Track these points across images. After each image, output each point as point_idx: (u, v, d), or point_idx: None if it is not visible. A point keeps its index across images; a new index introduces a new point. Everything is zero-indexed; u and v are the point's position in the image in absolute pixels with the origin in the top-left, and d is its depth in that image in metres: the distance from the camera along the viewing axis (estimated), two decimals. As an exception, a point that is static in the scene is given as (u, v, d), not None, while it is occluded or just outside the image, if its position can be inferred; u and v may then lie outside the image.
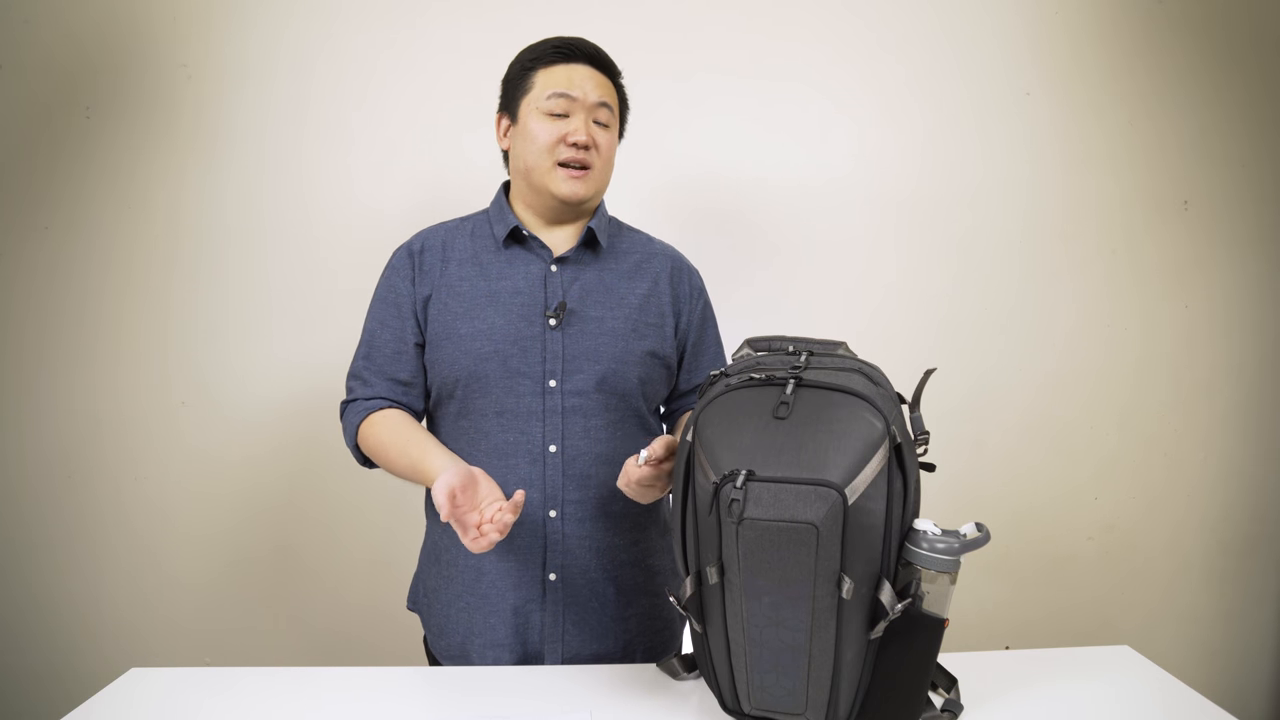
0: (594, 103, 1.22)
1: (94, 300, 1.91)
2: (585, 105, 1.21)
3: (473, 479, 1.06)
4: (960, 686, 1.04)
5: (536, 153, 1.22)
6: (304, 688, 1.10)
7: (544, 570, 1.22)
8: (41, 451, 1.93)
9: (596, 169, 1.24)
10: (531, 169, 1.23)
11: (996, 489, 2.09)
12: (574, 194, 1.23)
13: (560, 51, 1.23)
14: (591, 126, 1.22)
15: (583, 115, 1.21)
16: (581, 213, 1.29)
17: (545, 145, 1.21)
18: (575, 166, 1.22)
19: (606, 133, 1.25)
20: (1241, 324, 2.11)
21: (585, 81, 1.22)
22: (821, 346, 1.03)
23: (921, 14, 1.97)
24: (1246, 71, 2.04)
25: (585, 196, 1.24)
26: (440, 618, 1.28)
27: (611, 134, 1.26)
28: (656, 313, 1.28)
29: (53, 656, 1.97)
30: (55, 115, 1.87)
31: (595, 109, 1.22)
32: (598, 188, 1.26)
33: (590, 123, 1.22)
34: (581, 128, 1.20)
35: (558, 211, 1.27)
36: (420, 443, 1.16)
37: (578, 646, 1.24)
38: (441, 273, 1.25)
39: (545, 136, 1.21)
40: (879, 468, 0.86)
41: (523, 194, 1.28)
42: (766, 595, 0.86)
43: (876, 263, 2.02)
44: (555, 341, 1.21)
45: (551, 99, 1.21)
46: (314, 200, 1.92)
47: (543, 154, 1.22)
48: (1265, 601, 2.18)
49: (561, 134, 1.21)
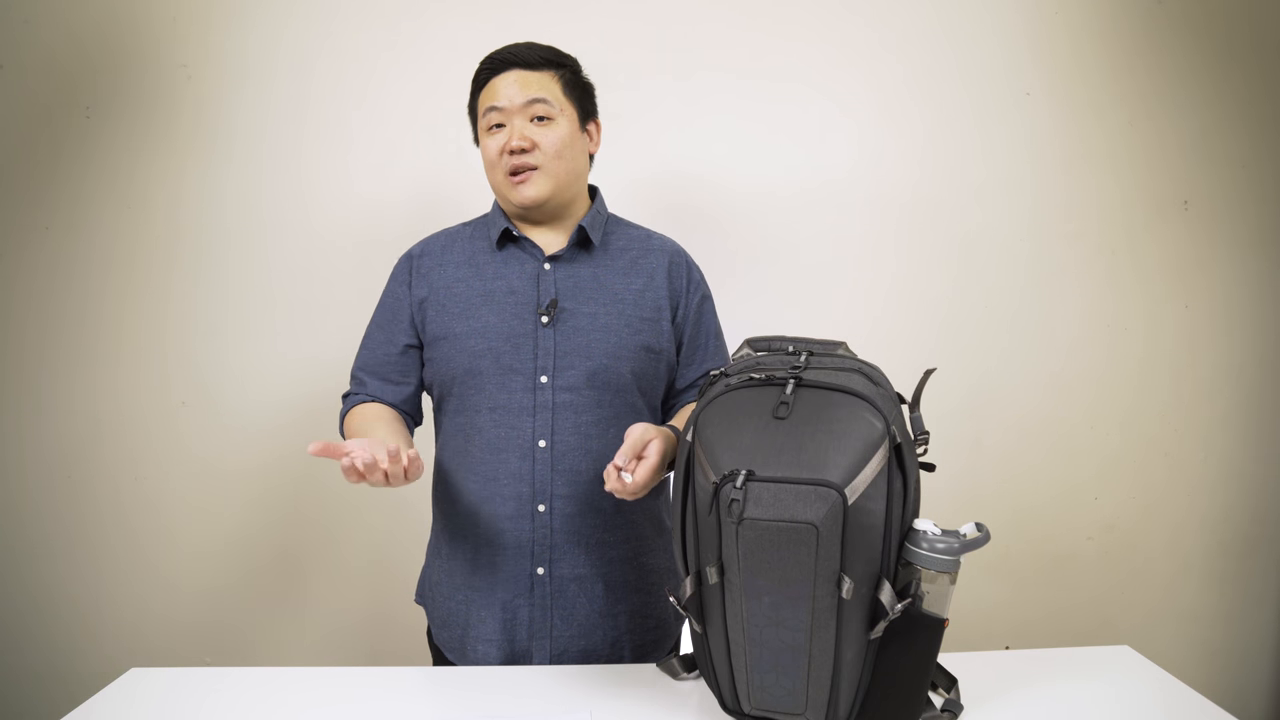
0: (522, 104, 1.22)
1: (94, 300, 1.91)
2: (514, 110, 1.22)
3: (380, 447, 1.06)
4: (960, 686, 1.04)
5: (489, 170, 1.27)
6: (304, 688, 1.10)
7: (532, 564, 1.23)
8: (41, 452, 1.93)
9: (545, 166, 1.23)
10: (494, 187, 1.28)
11: (996, 489, 2.09)
12: (525, 198, 1.23)
13: (487, 68, 1.25)
14: (528, 127, 1.22)
15: (517, 120, 1.22)
16: (565, 211, 1.29)
17: (492, 162, 1.25)
18: (521, 170, 1.23)
19: (548, 127, 1.23)
20: (1242, 324, 2.11)
21: (510, 88, 1.22)
22: (821, 346, 1.03)
23: (921, 14, 1.97)
24: (1246, 71, 2.04)
25: (540, 197, 1.24)
26: (443, 610, 1.30)
27: (556, 127, 1.23)
28: (652, 307, 1.28)
29: (53, 656, 1.97)
30: (55, 115, 1.87)
31: (527, 108, 1.22)
32: (554, 184, 1.24)
33: (526, 124, 1.22)
34: (516, 133, 1.21)
35: (535, 215, 1.28)
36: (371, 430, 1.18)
37: (565, 643, 1.25)
38: (438, 275, 1.28)
39: (490, 153, 1.25)
40: (879, 468, 0.86)
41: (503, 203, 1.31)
42: (766, 595, 0.86)
43: (876, 263, 2.02)
44: (547, 338, 1.22)
45: (486, 115, 1.24)
46: (314, 200, 1.92)
47: (494, 170, 1.26)
48: (1265, 601, 2.18)
49: (501, 145, 1.23)
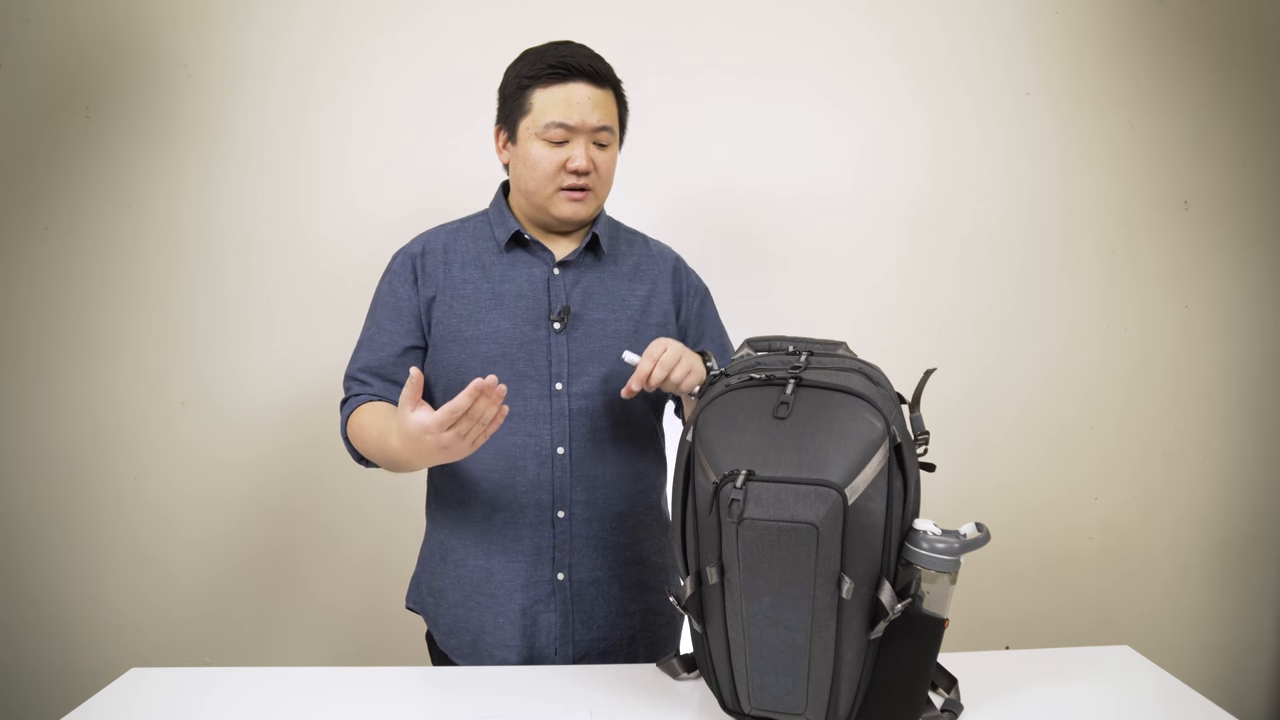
0: (593, 127, 1.20)
1: (94, 300, 1.91)
2: (585, 131, 1.19)
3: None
4: (960, 686, 1.04)
5: (538, 180, 1.21)
6: (304, 688, 1.10)
7: (553, 570, 1.23)
8: (41, 451, 1.93)
9: (597, 189, 1.24)
10: (533, 192, 1.23)
11: (996, 489, 2.09)
12: (575, 215, 1.23)
13: (556, 71, 1.18)
14: (591, 150, 1.20)
15: (583, 140, 1.19)
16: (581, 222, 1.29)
17: (547, 173, 1.20)
18: (577, 189, 1.21)
19: (606, 153, 1.23)
20: (1241, 324, 2.11)
21: (583, 105, 1.18)
22: (821, 346, 1.03)
23: (921, 14, 1.97)
24: (1246, 71, 2.04)
25: (586, 217, 1.25)
26: (450, 618, 1.28)
27: (611, 151, 1.24)
28: (659, 313, 1.29)
29: (53, 656, 1.97)
30: (55, 115, 1.87)
31: (594, 133, 1.20)
32: (599, 206, 1.27)
33: (590, 146, 1.20)
34: (582, 154, 1.19)
35: (558, 226, 1.27)
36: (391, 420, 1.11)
37: (586, 645, 1.26)
38: (445, 275, 1.25)
39: (546, 165, 1.19)
40: (879, 468, 0.86)
41: (522, 206, 1.27)
42: (766, 595, 0.86)
43: (876, 262, 2.02)
44: (560, 345, 1.22)
45: (550, 128, 1.18)
46: (314, 200, 1.92)
47: (545, 181, 1.21)
48: (1265, 601, 2.18)
49: (562, 161, 1.19)
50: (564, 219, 1.23)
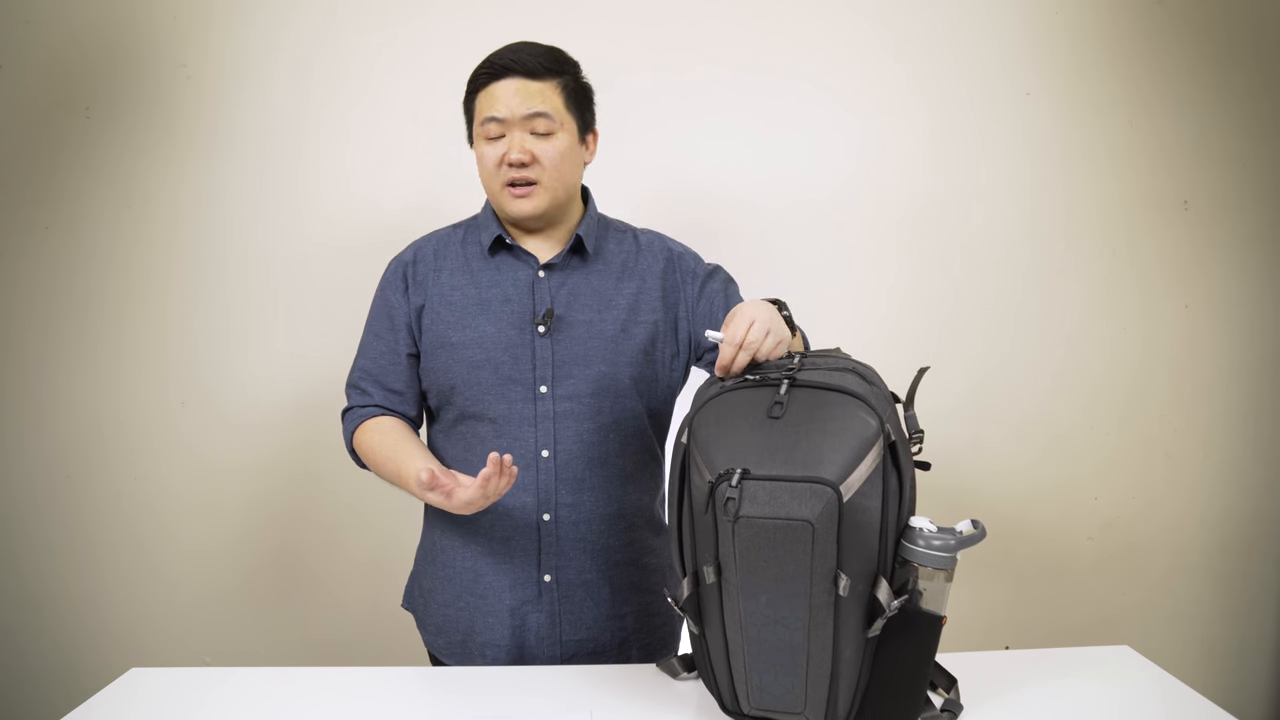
0: (523, 116, 1.19)
1: (94, 300, 1.91)
2: (515, 122, 1.19)
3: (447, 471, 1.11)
4: (960, 686, 1.04)
5: (485, 178, 1.24)
6: (304, 688, 1.10)
7: (539, 572, 1.24)
8: (41, 451, 1.93)
9: (545, 181, 1.21)
10: (488, 193, 1.26)
11: (996, 489, 2.09)
12: (522, 212, 1.22)
13: (486, 72, 1.21)
14: (528, 140, 1.19)
15: (516, 132, 1.19)
16: (559, 219, 1.27)
17: (490, 170, 1.22)
18: (520, 184, 1.21)
19: (548, 141, 1.20)
20: (1242, 324, 2.10)
21: (511, 98, 1.18)
22: (815, 351, 1.03)
23: (921, 14, 1.97)
24: (1246, 71, 2.04)
25: (536, 211, 1.22)
26: (438, 617, 1.29)
27: (555, 141, 1.21)
28: (649, 310, 1.28)
29: (53, 656, 1.97)
30: (55, 115, 1.87)
31: (528, 122, 1.19)
32: (551, 199, 1.23)
33: (525, 136, 1.19)
34: (516, 145, 1.19)
35: (528, 224, 1.26)
36: (405, 449, 1.19)
37: (574, 646, 1.26)
38: (434, 282, 1.27)
39: (488, 161, 1.22)
40: (874, 465, 0.87)
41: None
42: (764, 593, 0.86)
43: (876, 262, 2.01)
44: (545, 348, 1.22)
45: (485, 124, 1.20)
46: (314, 200, 1.92)
47: (490, 178, 1.23)
48: (1265, 601, 2.18)
49: (501, 155, 1.20)
50: (514, 216, 1.23)
